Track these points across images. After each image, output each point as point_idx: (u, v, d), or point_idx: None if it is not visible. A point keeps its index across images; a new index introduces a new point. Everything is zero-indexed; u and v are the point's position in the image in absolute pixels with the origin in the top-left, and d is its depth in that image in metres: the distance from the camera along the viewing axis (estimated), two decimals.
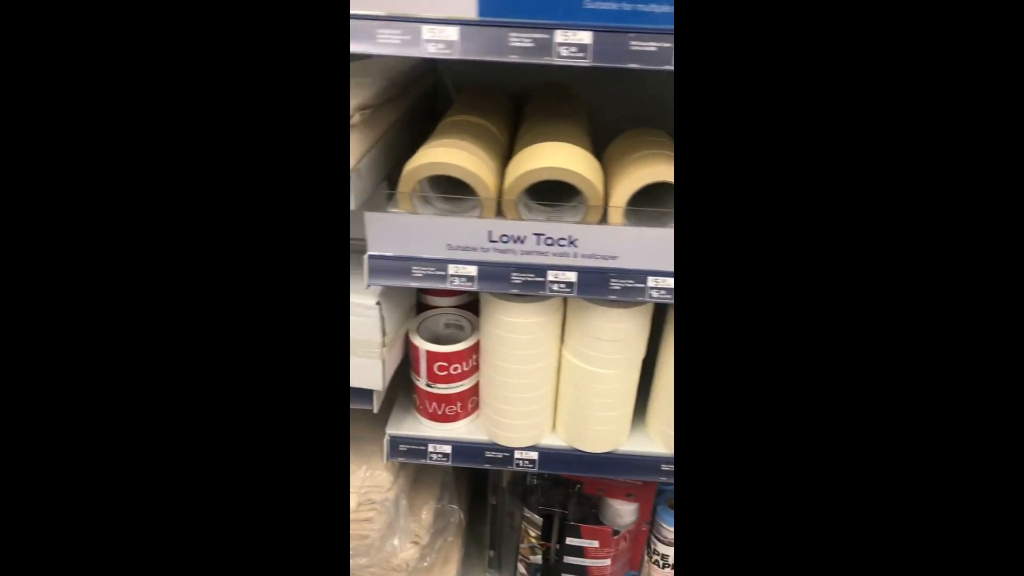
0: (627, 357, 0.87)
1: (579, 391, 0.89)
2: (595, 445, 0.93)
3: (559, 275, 0.78)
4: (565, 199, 0.79)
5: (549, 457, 0.94)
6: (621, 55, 0.64)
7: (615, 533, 1.05)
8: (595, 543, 1.05)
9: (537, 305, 0.83)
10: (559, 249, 0.77)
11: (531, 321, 0.84)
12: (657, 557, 1.11)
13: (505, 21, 0.63)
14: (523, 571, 1.12)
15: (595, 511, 1.07)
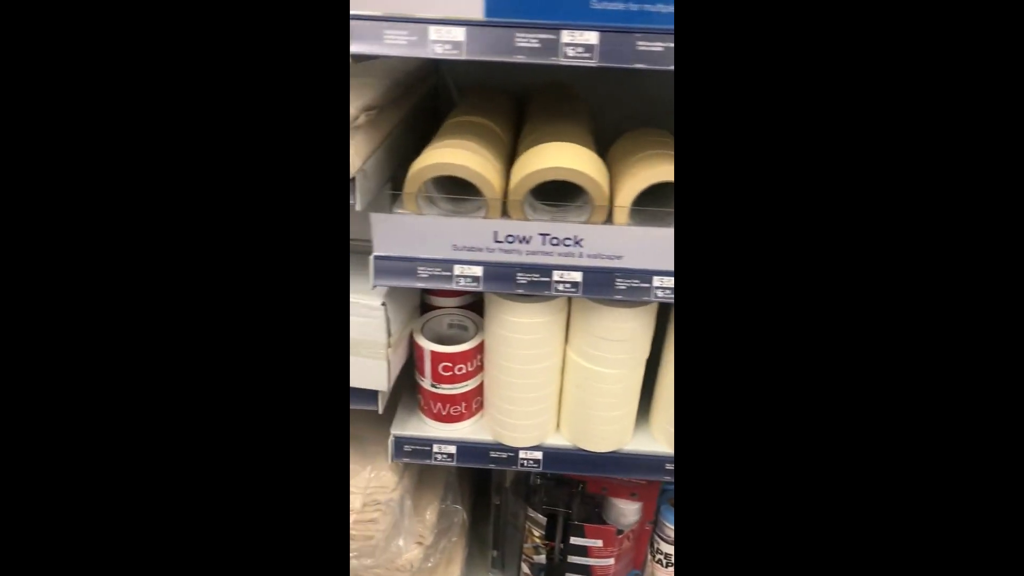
0: (632, 357, 0.87)
1: (583, 391, 0.89)
2: (599, 444, 0.93)
3: (565, 275, 0.78)
4: (570, 199, 0.79)
5: (554, 457, 0.94)
6: (628, 55, 0.64)
7: (619, 532, 1.05)
8: (599, 542, 1.05)
9: (542, 305, 0.83)
10: (564, 249, 0.77)
11: (536, 321, 0.84)
12: (660, 556, 1.11)
13: (512, 21, 0.63)
14: (527, 571, 1.12)
15: (599, 510, 1.07)
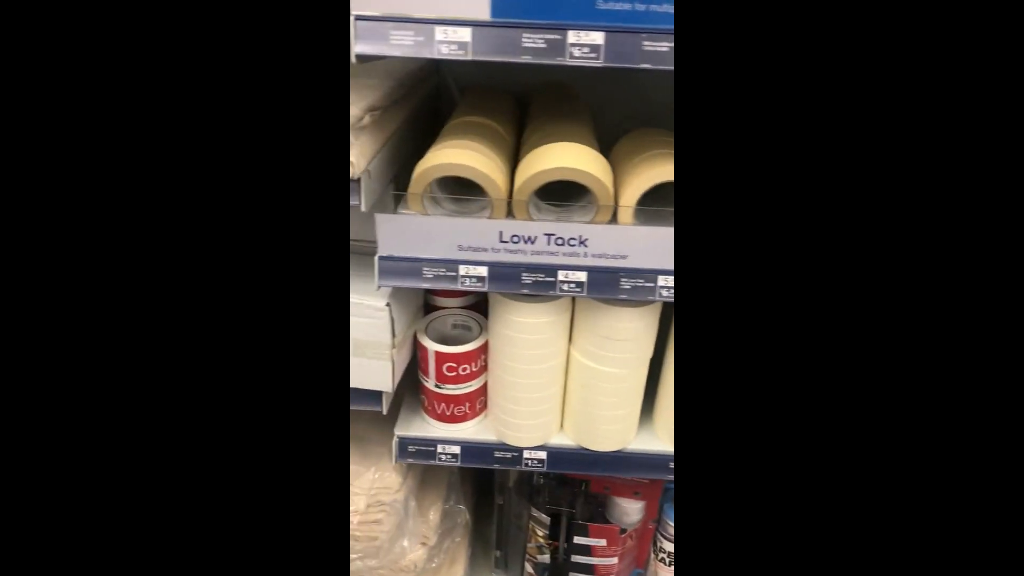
0: (636, 356, 0.87)
1: (588, 390, 0.89)
2: (603, 444, 0.93)
3: (569, 275, 0.78)
4: (574, 199, 0.79)
5: (558, 457, 0.95)
6: (633, 55, 0.64)
7: (622, 531, 1.05)
8: (603, 542, 1.05)
9: (546, 305, 0.84)
10: (569, 249, 0.77)
11: (540, 321, 0.84)
12: (663, 555, 1.12)
13: (518, 22, 0.63)
14: (530, 570, 1.12)
15: (602, 509, 1.07)
